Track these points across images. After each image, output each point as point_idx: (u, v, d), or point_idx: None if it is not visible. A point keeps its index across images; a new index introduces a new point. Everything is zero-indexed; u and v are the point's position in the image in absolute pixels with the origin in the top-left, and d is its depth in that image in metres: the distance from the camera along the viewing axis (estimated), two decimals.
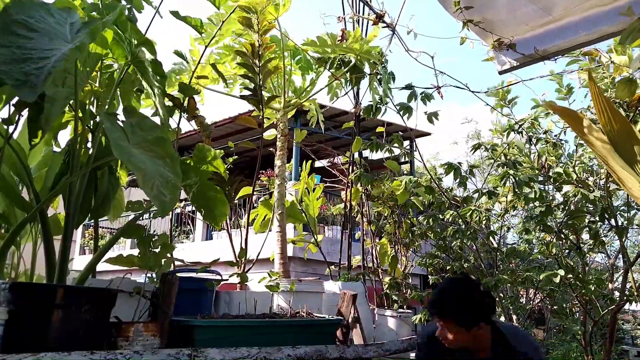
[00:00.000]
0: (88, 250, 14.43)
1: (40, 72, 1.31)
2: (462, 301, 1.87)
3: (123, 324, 1.74)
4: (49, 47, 1.43)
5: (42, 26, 1.47)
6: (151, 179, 1.49)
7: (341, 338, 2.29)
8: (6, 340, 1.43)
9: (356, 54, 3.23)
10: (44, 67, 1.33)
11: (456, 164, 3.81)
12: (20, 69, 1.29)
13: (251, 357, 1.77)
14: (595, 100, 1.76)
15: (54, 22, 1.51)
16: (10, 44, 1.35)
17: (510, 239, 9.32)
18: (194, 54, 3.10)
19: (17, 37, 1.39)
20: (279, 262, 3.30)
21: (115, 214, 2.52)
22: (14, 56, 1.33)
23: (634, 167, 1.70)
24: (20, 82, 1.27)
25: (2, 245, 1.84)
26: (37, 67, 1.32)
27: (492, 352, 1.88)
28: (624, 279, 3.72)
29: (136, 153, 1.54)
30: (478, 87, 13.57)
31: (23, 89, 1.27)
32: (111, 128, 1.51)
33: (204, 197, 2.68)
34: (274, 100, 3.20)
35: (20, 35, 1.40)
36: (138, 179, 1.46)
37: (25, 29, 1.42)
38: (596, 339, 5.85)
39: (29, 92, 1.27)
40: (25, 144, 2.08)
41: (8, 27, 1.39)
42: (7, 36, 1.37)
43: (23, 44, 1.38)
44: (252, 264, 3.00)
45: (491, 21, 2.88)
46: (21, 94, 1.29)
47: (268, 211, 3.63)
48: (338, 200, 10.60)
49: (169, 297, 1.96)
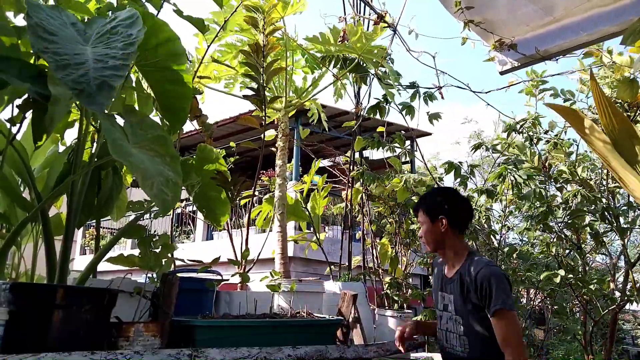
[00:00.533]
0: (89, 251, 14.44)
1: (87, 79, 1.27)
2: (433, 193, 2.19)
3: (124, 324, 1.74)
4: (76, 51, 1.39)
5: (54, 29, 1.43)
6: (151, 177, 1.49)
7: (341, 338, 2.29)
8: (7, 341, 1.43)
9: (358, 53, 3.23)
10: (87, 74, 1.29)
11: (457, 163, 3.81)
12: (67, 77, 1.26)
13: (251, 357, 1.77)
14: (597, 100, 1.76)
15: (59, 24, 1.48)
16: (46, 49, 1.31)
17: (510, 239, 9.32)
18: (200, 53, 3.09)
19: (45, 41, 1.34)
20: (279, 262, 3.30)
21: (118, 214, 2.52)
22: (56, 62, 1.28)
23: (635, 166, 1.70)
24: (77, 90, 1.25)
25: (3, 245, 1.84)
26: (81, 75, 1.28)
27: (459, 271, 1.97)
28: (624, 279, 3.72)
29: (135, 153, 1.54)
30: (479, 87, 13.59)
31: (81, 97, 1.25)
32: (110, 128, 1.50)
33: (206, 197, 2.68)
34: (276, 100, 3.20)
35: (46, 39, 1.35)
36: (137, 178, 1.45)
37: (46, 33, 1.37)
38: (596, 339, 5.85)
39: (87, 100, 1.26)
40: (28, 144, 2.09)
41: (35, 31, 1.34)
42: (40, 41, 1.32)
43: (54, 48, 1.33)
44: (253, 264, 3.01)
45: (492, 21, 2.88)
46: (83, 102, 1.27)
47: (271, 208, 3.63)
48: (339, 200, 10.60)
49: (169, 297, 1.96)
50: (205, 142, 2.73)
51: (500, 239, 4.51)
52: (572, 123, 2.01)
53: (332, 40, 3.18)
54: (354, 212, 4.29)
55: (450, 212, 2.02)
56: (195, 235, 12.26)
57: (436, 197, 2.11)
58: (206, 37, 2.96)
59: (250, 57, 2.79)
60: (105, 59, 1.38)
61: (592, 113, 3.53)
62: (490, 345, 1.79)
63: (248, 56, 2.79)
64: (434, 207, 2.05)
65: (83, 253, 14.80)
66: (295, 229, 8.78)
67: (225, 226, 3.50)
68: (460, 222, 2.05)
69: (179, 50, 1.95)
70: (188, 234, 12.68)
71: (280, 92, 3.38)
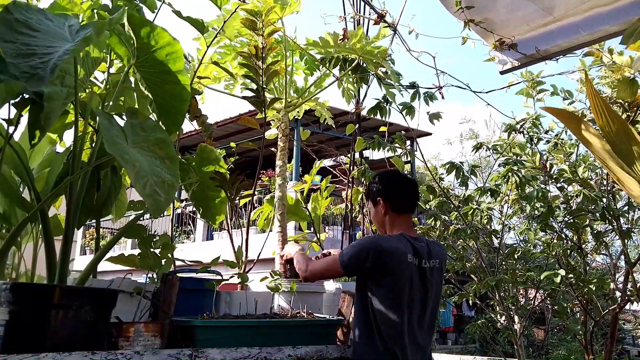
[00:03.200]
0: (89, 251, 14.46)
1: (46, 66, 1.34)
2: (372, 178, 2.18)
3: (124, 324, 1.74)
4: (52, 44, 1.44)
5: (42, 27, 1.48)
6: (145, 176, 1.49)
7: (342, 338, 2.29)
8: (7, 341, 1.43)
9: (359, 54, 3.23)
10: (49, 62, 1.35)
11: (458, 163, 3.81)
12: (26, 63, 1.32)
13: (252, 357, 1.77)
14: (592, 102, 1.76)
15: (54, 25, 1.53)
16: (16, 40, 1.38)
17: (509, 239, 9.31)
18: (200, 53, 3.09)
19: (21, 34, 1.41)
20: (279, 262, 3.29)
21: (118, 214, 2.52)
22: (20, 51, 1.35)
23: (632, 167, 1.70)
24: (28, 74, 1.31)
25: (3, 245, 1.84)
26: (43, 62, 1.35)
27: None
28: (625, 279, 3.72)
29: (131, 151, 1.54)
30: (479, 86, 13.58)
31: (31, 80, 1.30)
32: (107, 126, 1.51)
33: (204, 196, 2.69)
34: (276, 102, 3.19)
35: (23, 33, 1.42)
36: (131, 177, 1.46)
37: (27, 28, 1.44)
38: (597, 339, 5.85)
39: (37, 82, 1.30)
40: (27, 145, 2.09)
41: (11, 24, 1.41)
42: (12, 33, 1.39)
43: (28, 41, 1.40)
44: (253, 264, 3.00)
45: (492, 21, 2.88)
46: (30, 84, 1.31)
47: (272, 208, 3.62)
48: (339, 200, 10.60)
49: (169, 297, 1.96)
50: (205, 142, 2.73)
51: (500, 240, 4.51)
52: (569, 125, 2.01)
53: (331, 43, 3.17)
54: (355, 212, 4.28)
55: (384, 194, 2.06)
56: (195, 236, 12.27)
57: (373, 182, 2.14)
58: (205, 38, 2.96)
59: (249, 59, 2.79)
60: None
61: (591, 113, 3.52)
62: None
63: (247, 58, 2.79)
64: (372, 191, 2.11)
65: (83, 253, 14.82)
66: (296, 229, 8.79)
67: (225, 226, 3.50)
68: (397, 201, 2.06)
69: (178, 53, 1.96)
70: (188, 234, 12.69)
71: (280, 93, 3.38)
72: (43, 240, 1.83)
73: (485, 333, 5.29)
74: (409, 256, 1.89)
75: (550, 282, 3.52)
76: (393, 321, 1.84)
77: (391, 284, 1.87)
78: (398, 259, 1.87)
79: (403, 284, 1.87)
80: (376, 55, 3.21)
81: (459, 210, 3.87)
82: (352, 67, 3.29)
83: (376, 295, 1.88)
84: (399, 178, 2.17)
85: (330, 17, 3.60)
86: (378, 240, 1.94)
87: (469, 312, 13.45)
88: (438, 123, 3.57)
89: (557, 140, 3.89)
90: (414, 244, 1.95)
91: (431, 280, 1.96)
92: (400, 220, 2.05)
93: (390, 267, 1.87)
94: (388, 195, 2.06)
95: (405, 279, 1.88)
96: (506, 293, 4.46)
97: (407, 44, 3.45)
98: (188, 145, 12.21)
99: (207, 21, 2.85)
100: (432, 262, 1.97)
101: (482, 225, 4.33)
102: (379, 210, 2.07)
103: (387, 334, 1.84)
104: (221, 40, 3.17)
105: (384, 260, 1.86)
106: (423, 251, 1.95)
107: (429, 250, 1.99)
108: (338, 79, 3.37)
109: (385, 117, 3.63)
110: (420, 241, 1.99)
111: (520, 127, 3.80)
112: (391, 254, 1.87)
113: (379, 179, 2.12)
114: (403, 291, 1.87)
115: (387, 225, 2.07)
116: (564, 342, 8.69)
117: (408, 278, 1.88)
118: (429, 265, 1.95)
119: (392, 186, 2.08)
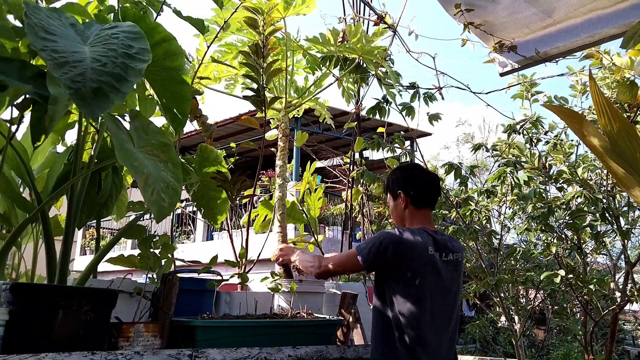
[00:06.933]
0: (89, 251, 14.46)
1: (84, 79, 1.28)
2: (392, 171, 2.13)
3: (124, 324, 1.74)
4: (74, 49, 1.39)
5: (54, 29, 1.42)
6: (153, 183, 1.47)
7: (342, 338, 2.30)
8: (7, 341, 1.43)
9: (359, 54, 3.23)
10: (84, 74, 1.29)
11: (456, 164, 3.81)
12: (64, 75, 1.26)
13: (252, 358, 1.78)
14: (595, 101, 1.76)
15: (59, 25, 1.48)
16: (45, 48, 1.31)
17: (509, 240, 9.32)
18: (200, 54, 3.09)
19: (44, 40, 1.34)
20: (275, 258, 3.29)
21: (118, 214, 2.52)
22: (55, 61, 1.29)
23: (633, 167, 1.70)
24: (79, 93, 1.25)
25: (3, 245, 1.84)
26: (79, 74, 1.29)
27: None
28: (625, 279, 3.72)
29: (140, 157, 1.53)
30: (479, 88, 13.57)
31: (95, 102, 1.27)
32: (116, 131, 1.49)
33: (205, 196, 2.69)
34: (276, 101, 3.19)
35: (46, 39, 1.35)
36: (139, 184, 1.43)
37: (45, 32, 1.37)
38: (597, 339, 5.85)
39: (104, 104, 1.28)
40: (28, 145, 2.09)
41: (35, 31, 1.34)
42: (40, 41, 1.32)
43: (54, 47, 1.33)
44: (253, 265, 3.00)
45: (492, 24, 2.88)
46: (94, 108, 1.28)
47: (268, 211, 3.62)
48: (339, 201, 10.61)
49: (169, 298, 1.96)
50: (205, 143, 2.73)
51: (500, 240, 4.51)
52: (570, 124, 2.00)
53: (332, 41, 3.17)
54: (354, 213, 4.29)
55: (405, 187, 2.00)
56: (195, 236, 12.27)
57: (394, 174, 2.08)
58: (206, 37, 2.96)
59: (249, 58, 2.79)
60: (103, 60, 1.37)
61: (593, 114, 3.52)
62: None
63: (247, 57, 2.79)
64: (392, 184, 2.05)
65: (83, 253, 14.81)
66: (295, 230, 8.79)
67: (225, 226, 3.50)
68: (418, 195, 1.99)
69: (176, 51, 1.95)
70: (188, 234, 12.69)
71: (280, 92, 3.38)
72: (43, 241, 1.83)
73: (485, 333, 5.30)
74: (430, 249, 1.85)
75: (550, 282, 3.52)
76: (415, 315, 1.78)
77: (412, 277, 1.81)
78: (418, 252, 1.83)
79: (424, 276, 1.82)
80: (376, 55, 3.22)
81: (458, 210, 3.87)
82: (352, 66, 3.29)
83: (397, 290, 1.82)
84: (421, 171, 2.11)
85: (330, 18, 3.60)
86: (397, 232, 1.87)
87: (469, 312, 13.46)
88: (438, 124, 3.57)
89: (557, 140, 3.89)
90: (434, 236, 1.91)
91: (454, 272, 1.93)
92: (420, 215, 1.99)
93: (410, 260, 1.82)
94: (409, 188, 1.99)
95: (427, 272, 1.83)
96: (506, 293, 4.46)
97: (407, 45, 3.45)
98: (188, 145, 12.22)
99: (207, 18, 2.86)
100: (455, 255, 1.94)
101: (480, 225, 4.34)
102: (399, 203, 2.01)
103: (408, 329, 1.77)
104: (223, 39, 3.17)
105: (403, 252, 1.82)
106: (444, 244, 1.92)
107: (450, 243, 1.96)
108: (338, 79, 3.38)
109: (385, 117, 3.63)
110: (440, 235, 1.96)
111: (520, 127, 3.80)
112: (411, 247, 1.83)
113: (400, 172, 2.07)
114: (424, 284, 1.81)
115: (406, 219, 2.00)
116: (564, 343, 8.68)
117: (430, 271, 1.84)
118: (451, 257, 1.92)
119: (414, 179, 2.02)
